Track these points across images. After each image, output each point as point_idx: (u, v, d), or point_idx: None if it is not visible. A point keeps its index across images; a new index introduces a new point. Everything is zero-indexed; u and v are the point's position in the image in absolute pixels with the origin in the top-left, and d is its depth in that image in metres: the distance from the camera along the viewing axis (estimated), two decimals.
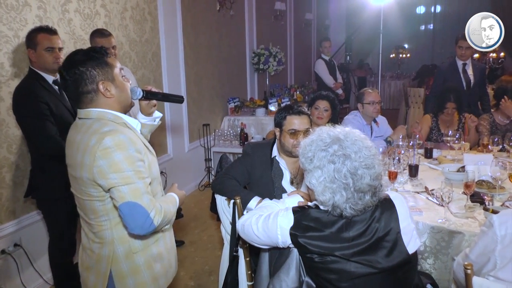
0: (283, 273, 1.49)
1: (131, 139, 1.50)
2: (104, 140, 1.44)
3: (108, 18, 3.49)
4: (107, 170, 1.44)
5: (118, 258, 1.58)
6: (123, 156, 1.45)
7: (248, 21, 6.43)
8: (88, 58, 1.52)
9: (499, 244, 1.45)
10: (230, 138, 5.18)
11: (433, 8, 12.21)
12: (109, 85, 1.54)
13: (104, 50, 1.59)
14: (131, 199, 1.44)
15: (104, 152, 1.44)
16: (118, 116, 1.58)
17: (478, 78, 4.31)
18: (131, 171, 1.46)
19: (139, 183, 1.47)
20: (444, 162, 2.98)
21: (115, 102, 1.57)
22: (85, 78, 1.51)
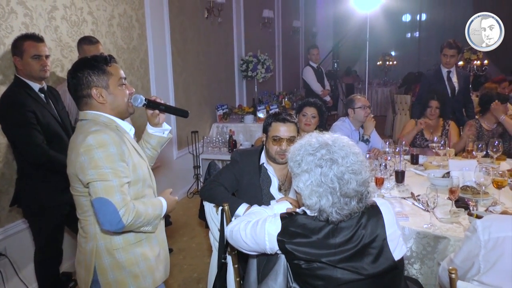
0: (271, 279, 1.50)
1: (114, 139, 1.58)
2: (88, 138, 1.54)
3: (95, 26, 3.48)
4: (87, 166, 1.52)
5: (101, 253, 1.66)
6: (103, 154, 1.54)
7: (236, 28, 6.46)
8: (86, 65, 1.65)
9: (483, 248, 1.48)
10: (219, 145, 5.18)
11: (418, 16, 12.40)
12: (102, 92, 1.65)
13: (106, 58, 1.69)
14: (103, 195, 1.50)
15: (86, 149, 1.53)
16: (112, 120, 1.68)
17: (463, 86, 4.39)
18: (108, 169, 1.53)
19: (114, 181, 1.53)
20: (429, 168, 3.03)
21: (107, 107, 1.67)
22: (81, 83, 1.63)
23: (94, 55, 1.72)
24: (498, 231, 1.46)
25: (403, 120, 7.06)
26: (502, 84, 6.24)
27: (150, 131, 1.95)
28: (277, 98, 7.07)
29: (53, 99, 2.62)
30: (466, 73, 5.25)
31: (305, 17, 10.32)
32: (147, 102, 1.82)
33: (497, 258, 1.44)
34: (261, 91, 6.98)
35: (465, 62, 7.96)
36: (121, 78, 1.70)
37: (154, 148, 2.01)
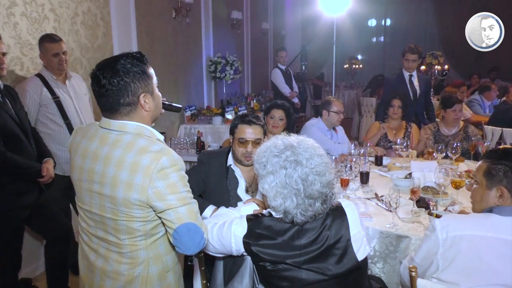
0: (237, 281, 1.50)
1: (179, 158, 1.45)
2: (161, 160, 1.37)
3: (57, 23, 3.37)
4: (165, 191, 1.38)
5: (152, 278, 1.51)
6: (178, 176, 1.41)
7: (204, 29, 6.42)
8: (133, 68, 1.43)
9: (441, 247, 1.53)
10: (187, 147, 5.12)
11: (383, 21, 12.73)
12: (148, 98, 1.47)
13: (145, 57, 1.51)
14: (189, 219, 1.40)
15: (162, 173, 1.37)
16: (153, 132, 1.50)
17: (424, 89, 4.55)
18: (185, 192, 1.43)
19: (193, 203, 1.45)
20: (393, 169, 3.11)
21: (149, 115, 1.50)
22: (129, 90, 1.41)
23: (131, 52, 1.49)
24: (455, 230, 1.52)
25: (369, 122, 7.22)
26: (461, 88, 6.50)
27: None
28: (245, 99, 7.08)
29: (10, 98, 2.51)
30: (427, 77, 5.45)
31: (273, 19, 10.38)
32: None
33: (454, 256, 1.50)
34: (229, 93, 6.96)
35: (427, 66, 8.24)
36: (156, 78, 1.52)
37: None
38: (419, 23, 12.01)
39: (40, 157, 2.58)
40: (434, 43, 11.31)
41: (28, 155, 2.49)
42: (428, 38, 11.75)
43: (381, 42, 12.85)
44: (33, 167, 2.49)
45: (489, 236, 1.48)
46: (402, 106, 3.73)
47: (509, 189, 1.55)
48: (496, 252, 1.46)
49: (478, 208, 1.66)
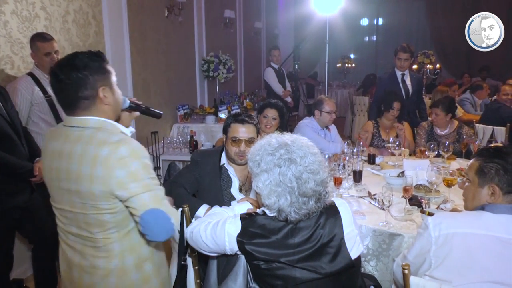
0: (231, 280, 1.50)
1: (141, 147, 1.48)
2: (119, 149, 1.40)
3: (48, 21, 3.34)
4: (126, 180, 1.40)
5: (127, 269, 1.53)
6: (139, 164, 1.43)
7: (197, 28, 6.40)
8: (91, 61, 1.47)
9: (434, 245, 1.54)
10: (180, 146, 5.11)
11: (375, 20, 12.79)
12: (107, 92, 1.50)
13: (103, 55, 1.54)
14: (154, 206, 1.42)
15: (120, 162, 1.40)
16: (116, 126, 1.54)
17: (416, 88, 4.58)
18: (148, 179, 1.44)
19: (158, 190, 1.47)
20: (386, 168, 3.13)
21: (110, 110, 1.53)
22: (87, 83, 1.44)
23: (90, 51, 1.53)
24: (448, 228, 1.53)
25: (362, 121, 7.26)
26: (452, 87, 6.55)
27: None
28: (238, 98, 7.07)
29: (1, 97, 2.48)
30: (419, 76, 5.48)
31: (266, 18, 10.38)
32: (130, 104, 1.71)
33: (447, 253, 1.51)
34: (222, 92, 6.95)
35: (419, 65, 8.29)
36: (114, 75, 1.57)
37: None
38: (411, 22, 12.08)
39: (31, 157, 2.56)
40: (426, 42, 11.38)
41: (20, 154, 2.46)
42: (420, 37, 11.82)
43: (374, 41, 12.89)
44: (25, 166, 2.46)
45: (481, 234, 1.49)
46: (401, 108, 3.77)
47: (501, 187, 1.56)
48: (488, 249, 1.47)
49: (470, 206, 1.67)
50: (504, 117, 4.61)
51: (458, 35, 10.90)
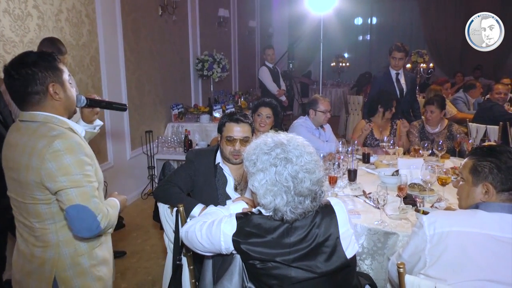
0: (226, 280, 1.49)
1: (80, 143, 1.53)
2: (54, 143, 1.46)
3: (41, 20, 3.31)
4: (56, 173, 1.45)
5: (63, 261, 1.58)
6: (73, 159, 1.48)
7: (191, 26, 6.38)
8: (41, 59, 1.53)
9: (428, 243, 1.55)
10: (174, 145, 5.09)
11: (369, 19, 12.82)
12: (58, 88, 1.56)
13: (55, 55, 1.60)
14: (80, 202, 1.47)
15: (53, 155, 1.45)
16: (64, 121, 1.58)
17: (410, 87, 4.60)
18: (80, 175, 1.48)
19: (88, 187, 1.50)
20: (380, 167, 3.13)
21: (61, 106, 1.58)
22: (36, 78, 1.50)
23: (42, 51, 1.63)
24: (442, 226, 1.53)
25: (356, 120, 7.27)
26: (445, 86, 6.60)
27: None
28: (233, 97, 7.06)
29: None
30: (413, 75, 5.51)
31: (260, 17, 10.38)
32: (88, 101, 1.77)
33: (441, 252, 1.51)
34: (217, 91, 6.94)
35: (412, 64, 8.32)
36: (68, 74, 1.63)
37: None
38: (405, 21, 12.13)
39: None
40: (419, 41, 11.43)
41: None
42: (413, 36, 11.87)
43: (367, 40, 12.93)
44: None
45: (476, 232, 1.50)
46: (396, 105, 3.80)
47: (495, 186, 1.57)
48: (482, 247, 1.48)
49: (464, 205, 1.68)
50: (497, 116, 4.64)
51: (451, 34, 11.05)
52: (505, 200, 1.57)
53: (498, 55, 9.82)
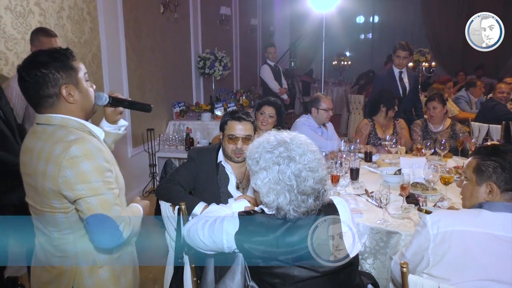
0: (228, 278, 1.49)
1: (99, 148, 1.44)
2: (71, 149, 1.37)
3: (43, 17, 3.30)
4: (74, 180, 1.37)
5: (82, 273, 1.50)
6: (92, 166, 1.39)
7: (193, 24, 6.36)
8: (52, 59, 1.43)
9: (432, 242, 1.54)
10: (176, 143, 5.09)
11: (371, 18, 12.79)
12: (72, 90, 1.46)
13: (69, 52, 1.49)
14: (100, 211, 1.38)
15: (71, 162, 1.37)
16: (83, 124, 1.51)
17: (413, 86, 4.58)
18: (99, 182, 1.40)
19: (108, 194, 1.42)
20: (382, 166, 3.12)
21: (77, 108, 1.49)
22: (48, 81, 1.41)
23: (54, 48, 1.50)
24: (446, 226, 1.53)
25: (357, 119, 7.25)
26: (447, 85, 6.58)
27: (107, 129, 1.78)
28: (234, 96, 7.05)
29: None
30: (416, 74, 5.49)
31: (262, 15, 10.35)
32: (111, 100, 1.66)
33: (445, 251, 1.51)
34: (218, 89, 6.92)
35: (414, 63, 8.30)
36: (85, 73, 1.52)
37: (109, 146, 1.81)
38: (407, 20, 12.08)
39: None
40: (421, 40, 11.39)
41: (14, 152, 2.43)
42: (415, 35, 11.82)
43: (369, 39, 12.89)
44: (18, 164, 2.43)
45: (479, 232, 1.49)
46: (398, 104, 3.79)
47: (499, 185, 1.56)
48: (485, 247, 1.47)
49: (468, 204, 1.67)
50: (499, 115, 4.63)
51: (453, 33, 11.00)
52: (509, 200, 1.56)
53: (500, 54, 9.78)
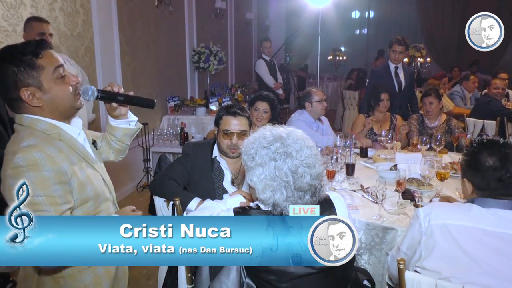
0: (224, 275, 1.47)
1: (51, 157, 1.31)
2: (16, 157, 1.27)
3: (34, 9, 3.24)
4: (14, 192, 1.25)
5: (44, 280, 1.42)
6: (36, 178, 1.27)
7: (188, 18, 6.31)
8: (9, 60, 1.30)
9: (424, 235, 1.55)
10: (170, 138, 5.06)
11: (367, 13, 12.77)
12: (35, 92, 1.34)
13: (34, 47, 1.34)
14: None
15: (14, 172, 1.27)
16: (53, 125, 1.40)
17: (408, 81, 4.57)
18: (41, 196, 1.27)
19: (49, 211, 1.28)
20: (378, 161, 3.11)
21: (46, 109, 1.38)
22: (7, 84, 1.31)
23: (18, 43, 1.38)
24: (436, 219, 1.53)
25: (352, 115, 7.24)
26: (442, 80, 6.59)
27: (112, 124, 1.68)
28: (229, 90, 7.01)
29: None
30: (411, 69, 5.48)
31: (257, 9, 10.31)
32: (100, 94, 1.50)
33: (434, 244, 1.51)
34: (213, 83, 6.89)
35: (409, 59, 8.30)
36: (57, 67, 1.36)
37: (120, 141, 1.73)
38: (402, 15, 12.08)
39: None
40: (417, 35, 11.40)
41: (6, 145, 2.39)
42: (411, 30, 11.83)
43: (364, 34, 12.89)
44: None
45: (469, 226, 1.50)
46: (390, 98, 3.75)
47: (472, 182, 1.59)
48: (475, 241, 1.47)
49: (464, 198, 1.69)
50: (494, 110, 4.64)
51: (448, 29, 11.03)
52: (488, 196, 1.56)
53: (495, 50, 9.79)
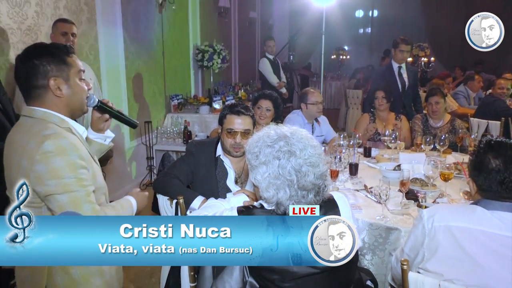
0: (227, 274, 1.47)
1: (74, 144, 1.42)
2: (44, 144, 1.36)
3: (39, 7, 3.25)
4: (46, 176, 1.35)
5: (53, 270, 1.47)
6: (64, 162, 1.37)
7: (191, 16, 6.30)
8: (45, 52, 1.45)
9: (427, 237, 1.54)
10: (173, 136, 5.06)
11: (371, 12, 12.74)
12: (61, 84, 1.46)
13: (66, 48, 1.51)
14: (71, 208, 1.36)
15: (43, 157, 1.35)
16: (64, 120, 1.49)
17: (412, 81, 4.55)
18: (72, 178, 1.38)
19: (80, 192, 1.39)
20: (381, 161, 3.11)
21: (63, 103, 1.49)
22: (37, 72, 1.42)
23: (52, 43, 1.55)
24: (440, 221, 1.53)
25: (355, 114, 7.23)
26: (446, 80, 6.56)
27: (91, 137, 1.75)
28: (233, 89, 7.01)
29: None
30: (415, 69, 5.46)
31: (261, 8, 10.28)
32: (99, 104, 1.65)
33: (437, 246, 1.51)
34: (217, 82, 6.89)
35: (413, 58, 8.27)
36: (80, 70, 1.52)
37: None
38: (406, 14, 12.03)
39: None
40: (420, 35, 11.36)
41: None
42: (414, 30, 11.77)
43: (368, 33, 12.86)
44: None
45: (472, 228, 1.49)
46: (386, 96, 3.72)
47: (476, 182, 1.57)
48: (478, 244, 1.47)
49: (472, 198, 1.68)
50: (498, 111, 4.62)
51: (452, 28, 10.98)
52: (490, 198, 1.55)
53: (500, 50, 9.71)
